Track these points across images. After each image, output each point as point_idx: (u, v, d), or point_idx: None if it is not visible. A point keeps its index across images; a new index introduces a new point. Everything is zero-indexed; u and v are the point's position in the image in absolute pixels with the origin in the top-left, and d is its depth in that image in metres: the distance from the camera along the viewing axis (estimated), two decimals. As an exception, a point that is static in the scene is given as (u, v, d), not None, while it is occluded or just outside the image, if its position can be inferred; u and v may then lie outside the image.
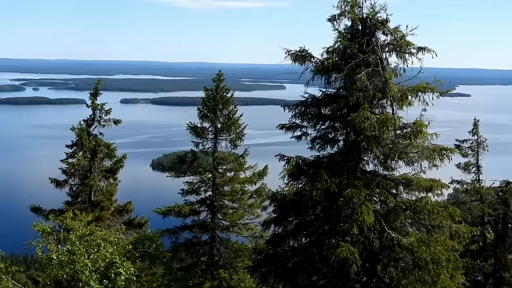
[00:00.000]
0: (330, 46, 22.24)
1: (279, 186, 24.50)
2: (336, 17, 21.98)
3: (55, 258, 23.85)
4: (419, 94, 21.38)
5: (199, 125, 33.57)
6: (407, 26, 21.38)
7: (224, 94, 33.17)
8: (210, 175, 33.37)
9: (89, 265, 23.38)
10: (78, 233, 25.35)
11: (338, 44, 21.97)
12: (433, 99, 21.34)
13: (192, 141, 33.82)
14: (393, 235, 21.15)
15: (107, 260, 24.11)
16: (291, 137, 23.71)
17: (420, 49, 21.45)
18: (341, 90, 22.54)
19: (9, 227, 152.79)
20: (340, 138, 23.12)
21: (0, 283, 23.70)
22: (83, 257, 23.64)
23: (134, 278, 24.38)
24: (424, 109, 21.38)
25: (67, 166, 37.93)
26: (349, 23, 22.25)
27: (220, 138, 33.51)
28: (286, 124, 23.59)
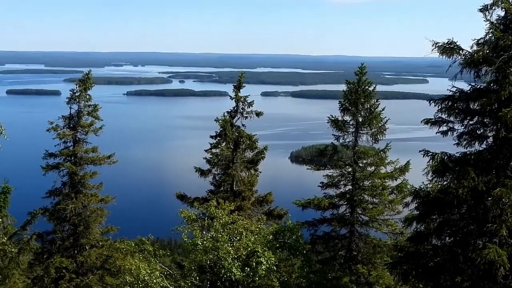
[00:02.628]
0: (481, 38, 21.17)
1: (422, 182, 23.80)
2: (488, 7, 20.88)
3: (200, 244, 24.77)
4: None
5: (340, 118, 33.42)
6: None
7: (366, 87, 32.73)
8: (350, 169, 33.16)
9: (231, 252, 24.05)
10: (221, 221, 26.16)
11: (490, 35, 20.86)
12: None
13: (332, 134, 33.74)
14: (547, 239, 19.86)
15: (249, 249, 24.67)
16: (436, 133, 22.91)
17: None
18: (492, 84, 21.41)
19: (156, 213, 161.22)
20: (489, 134, 21.98)
21: (149, 265, 24.96)
22: (226, 245, 24.36)
23: (274, 268, 24.76)
24: None
25: (211, 156, 39.13)
26: (502, 13, 21.10)
27: (361, 132, 33.15)
28: (432, 119, 22.83)
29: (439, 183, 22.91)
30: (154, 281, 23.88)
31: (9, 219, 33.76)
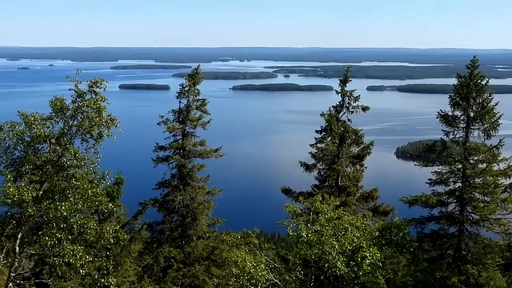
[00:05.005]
0: None
1: (539, 181, 22.70)
2: None
3: (305, 236, 24.79)
4: None
5: (450, 113, 32.39)
6: None
7: (479, 81, 31.47)
8: (460, 166, 32.04)
9: (336, 247, 23.92)
10: (326, 216, 26.06)
11: None
12: None
13: (442, 130, 32.75)
14: None
15: (354, 244, 24.44)
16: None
17: None
18: None
19: (261, 206, 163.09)
20: None
21: (255, 258, 25.26)
22: (331, 239, 24.25)
23: (380, 264, 24.37)
24: None
25: (316, 150, 39.08)
26: None
27: (472, 127, 31.93)
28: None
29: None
30: (259, 273, 24.14)
31: (122, 208, 35.39)
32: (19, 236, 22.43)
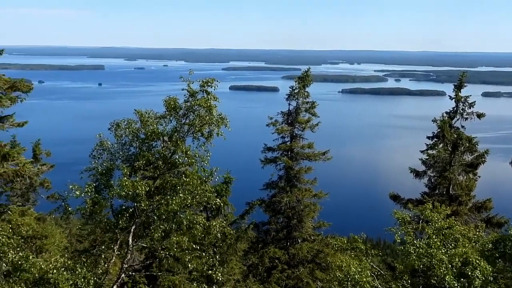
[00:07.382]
0: None
1: None
2: None
3: (412, 251, 24.04)
4: None
5: None
6: None
7: None
8: None
9: (445, 260, 23.05)
10: (436, 225, 25.21)
11: None
12: None
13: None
14: None
15: (464, 256, 23.48)
16: None
17: None
18: None
19: (367, 211, 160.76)
20: None
21: (360, 263, 24.82)
22: (439, 252, 23.39)
23: (491, 278, 23.27)
24: None
25: (427, 157, 38.16)
26: None
27: None
28: None
29: None
30: (364, 279, 23.68)
31: (230, 207, 35.98)
32: (132, 229, 23.28)
